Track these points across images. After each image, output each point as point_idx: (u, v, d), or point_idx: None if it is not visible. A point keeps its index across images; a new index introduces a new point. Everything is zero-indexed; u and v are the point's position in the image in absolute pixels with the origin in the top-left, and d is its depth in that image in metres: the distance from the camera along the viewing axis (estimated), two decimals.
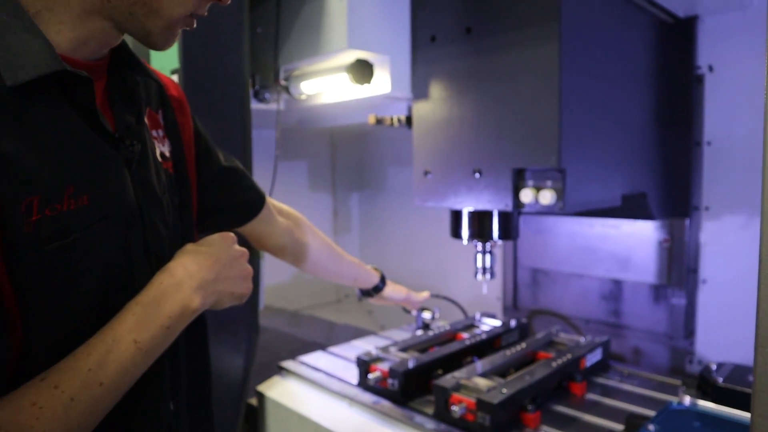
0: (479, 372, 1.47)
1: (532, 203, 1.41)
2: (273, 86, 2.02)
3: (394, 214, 3.15)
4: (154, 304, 0.79)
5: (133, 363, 0.75)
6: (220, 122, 1.63)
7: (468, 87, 1.55)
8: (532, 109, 1.41)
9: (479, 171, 1.51)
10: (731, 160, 1.81)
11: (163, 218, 0.90)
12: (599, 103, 1.52)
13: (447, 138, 1.59)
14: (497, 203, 1.48)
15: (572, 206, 1.40)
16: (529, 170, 1.43)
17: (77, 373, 0.71)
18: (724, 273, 1.87)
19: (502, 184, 1.46)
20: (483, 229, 1.65)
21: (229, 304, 0.91)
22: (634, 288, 2.07)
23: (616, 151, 1.60)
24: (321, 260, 1.50)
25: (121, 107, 0.85)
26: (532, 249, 2.35)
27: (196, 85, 1.52)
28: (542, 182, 1.41)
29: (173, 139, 0.99)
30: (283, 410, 1.67)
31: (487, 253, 1.75)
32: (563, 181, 1.37)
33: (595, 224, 2.14)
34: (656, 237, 1.99)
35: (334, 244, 1.56)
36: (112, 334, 0.75)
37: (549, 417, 1.42)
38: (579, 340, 1.78)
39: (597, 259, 2.15)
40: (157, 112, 0.96)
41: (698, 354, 1.94)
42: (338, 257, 1.57)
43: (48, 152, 0.70)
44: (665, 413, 1.33)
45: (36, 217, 0.67)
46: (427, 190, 1.64)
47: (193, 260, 0.85)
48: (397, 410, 1.47)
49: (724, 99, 1.81)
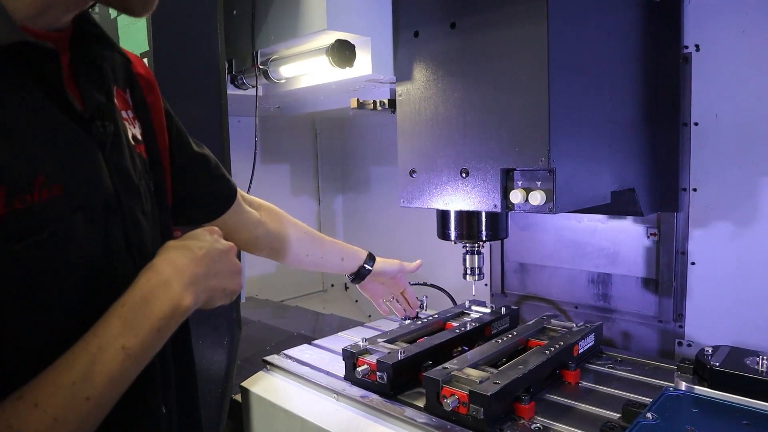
0: (471, 362, 1.42)
1: (521, 204, 1.36)
2: (251, 71, 1.95)
3: (378, 202, 3.10)
4: (141, 305, 0.71)
5: (123, 372, 0.68)
6: (195, 109, 1.56)
7: (453, 85, 1.49)
8: (520, 108, 1.36)
9: (466, 171, 1.46)
10: (719, 140, 1.78)
11: (142, 207, 0.82)
12: (588, 98, 1.47)
13: (432, 138, 1.53)
14: (486, 204, 1.43)
15: (563, 206, 1.36)
16: (518, 170, 1.39)
17: (60, 388, 0.63)
18: (714, 255, 1.84)
19: (491, 185, 1.41)
20: (471, 229, 1.61)
21: (220, 302, 0.83)
22: (622, 278, 2.06)
23: (606, 147, 1.56)
24: (300, 249, 1.42)
25: (89, 85, 0.76)
26: (519, 244, 2.33)
27: (167, 70, 1.45)
28: (532, 183, 1.36)
29: (143, 121, 0.90)
30: (268, 406, 1.62)
31: (476, 254, 1.70)
32: (553, 182, 1.32)
33: (583, 219, 2.11)
34: (644, 230, 1.97)
35: (312, 229, 1.48)
36: (96, 341, 0.67)
37: (543, 406, 1.38)
38: (571, 326, 1.74)
39: (585, 253, 2.13)
40: (125, 91, 0.88)
41: (688, 337, 1.92)
42: (319, 242, 1.49)
43: (13, 137, 0.61)
44: (662, 400, 1.30)
45: (4, 211, 0.59)
46: (413, 191, 1.58)
47: (181, 255, 0.77)
48: (386, 404, 1.42)
49: (711, 78, 1.77)
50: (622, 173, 1.66)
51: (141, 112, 0.90)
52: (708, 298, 1.87)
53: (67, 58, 0.75)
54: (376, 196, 3.12)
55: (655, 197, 1.87)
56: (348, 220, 3.35)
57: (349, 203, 3.33)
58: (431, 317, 1.88)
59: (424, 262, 2.87)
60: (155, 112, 0.93)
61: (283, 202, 3.05)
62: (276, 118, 2.91)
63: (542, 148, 1.32)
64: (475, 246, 1.69)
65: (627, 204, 1.78)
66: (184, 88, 1.51)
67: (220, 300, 0.83)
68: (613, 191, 1.59)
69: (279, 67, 1.87)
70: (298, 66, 1.80)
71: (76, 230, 0.68)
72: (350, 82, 1.80)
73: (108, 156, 0.75)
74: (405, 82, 1.61)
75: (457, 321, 1.88)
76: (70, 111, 0.70)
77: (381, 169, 3.07)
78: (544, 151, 1.32)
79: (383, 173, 3.06)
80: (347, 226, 3.36)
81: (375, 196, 3.13)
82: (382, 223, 3.08)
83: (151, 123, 0.91)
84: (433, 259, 2.74)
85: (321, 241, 1.50)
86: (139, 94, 0.90)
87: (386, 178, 3.02)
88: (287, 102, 2.45)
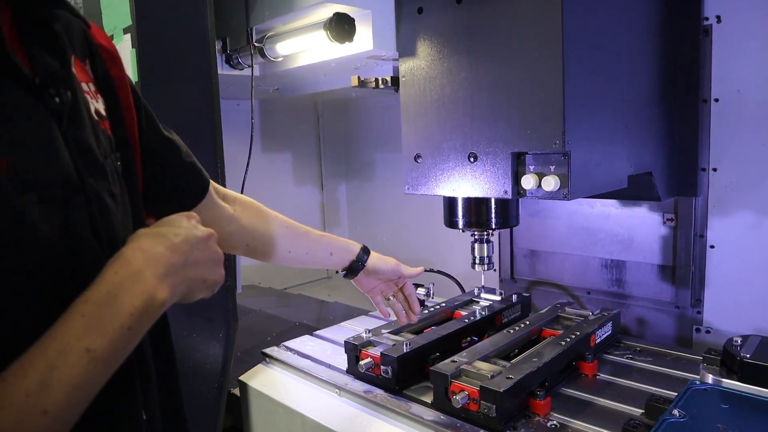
0: (481, 355, 1.34)
1: (534, 190, 1.27)
2: (245, 49, 1.85)
3: (383, 188, 3.01)
4: (108, 300, 0.61)
5: (87, 378, 0.58)
6: (184, 90, 1.47)
7: (460, 63, 1.39)
8: (531, 87, 1.26)
9: (474, 156, 1.36)
10: (740, 117, 1.69)
11: (110, 189, 0.72)
12: (604, 76, 1.38)
13: (438, 120, 1.44)
14: (496, 191, 1.34)
15: (578, 192, 1.27)
16: (530, 154, 1.29)
17: (11, 400, 0.54)
18: (734, 238, 1.76)
19: (501, 170, 1.32)
20: (480, 217, 1.51)
21: (200, 294, 0.74)
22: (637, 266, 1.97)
23: (622, 128, 1.47)
24: (282, 245, 1.26)
25: (38, 48, 0.66)
26: (529, 230, 2.24)
27: (153, 47, 1.36)
28: (545, 167, 1.27)
29: (107, 96, 0.79)
30: (267, 401, 1.54)
31: (485, 242, 1.60)
32: (568, 166, 1.23)
33: (596, 204, 2.02)
34: (660, 216, 1.88)
35: (295, 222, 1.31)
36: (55, 344, 0.57)
37: (560, 402, 1.29)
38: (587, 314, 1.65)
39: (598, 240, 2.04)
40: (84, 61, 0.77)
41: (706, 323, 1.84)
42: (303, 236, 1.32)
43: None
44: (688, 394, 1.20)
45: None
46: (418, 177, 1.49)
47: (155, 243, 0.68)
48: (391, 400, 1.34)
49: (732, 52, 1.68)
50: (639, 156, 1.56)
51: (104, 86, 0.79)
52: (728, 282, 1.79)
53: (8, 18, 0.64)
54: (381, 182, 3.04)
55: (672, 181, 1.78)
56: (352, 207, 3.26)
57: (353, 190, 3.24)
58: (439, 306, 1.80)
59: (431, 247, 2.82)
60: (120, 87, 0.82)
61: (284, 190, 3.04)
62: (276, 100, 2.82)
63: (556, 129, 1.22)
64: (484, 234, 1.60)
65: (644, 188, 1.69)
66: (171, 67, 1.42)
67: (201, 292, 0.73)
68: (629, 175, 1.50)
69: (275, 44, 1.78)
70: (296, 42, 1.71)
71: (28, 212, 0.58)
72: (351, 59, 1.71)
73: (65, 129, 0.65)
74: (408, 59, 1.51)
75: (466, 310, 1.80)
76: (16, 75, 0.60)
77: (386, 155, 2.98)
78: (558, 133, 1.22)
79: (389, 159, 2.96)
80: (351, 214, 3.27)
81: (380, 181, 3.04)
82: (388, 210, 3.00)
83: (116, 98, 0.80)
84: (441, 245, 2.67)
85: (306, 235, 1.33)
86: (101, 66, 0.79)
87: (392, 163, 2.92)
88: (286, 83, 2.36)
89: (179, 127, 1.49)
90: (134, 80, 1.43)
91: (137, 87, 1.44)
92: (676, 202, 1.83)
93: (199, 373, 1.55)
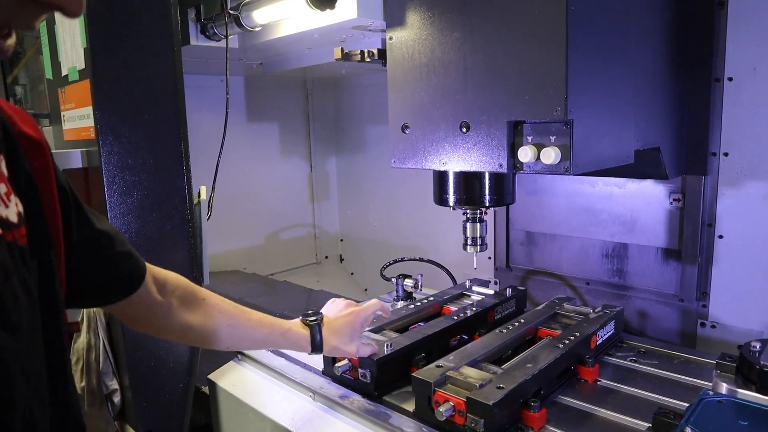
0: (470, 359, 1.20)
1: (532, 163, 1.13)
2: (221, 18, 1.70)
3: (374, 165, 2.91)
4: None
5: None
6: (141, 61, 1.33)
7: (452, 23, 1.24)
8: (531, 48, 1.12)
9: (467, 125, 1.22)
10: (756, 97, 1.58)
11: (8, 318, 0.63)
12: (611, 39, 1.24)
13: (428, 86, 1.30)
14: (489, 164, 1.20)
15: (581, 166, 1.13)
16: (529, 123, 1.15)
17: None
18: (744, 228, 1.65)
19: (495, 141, 1.18)
20: (472, 193, 1.38)
21: None
22: (640, 249, 1.86)
23: (630, 98, 1.33)
24: (222, 339, 1.11)
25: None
26: (526, 210, 2.13)
27: (104, 10, 1.21)
28: (545, 138, 1.13)
29: (27, 193, 0.69)
30: (236, 403, 1.42)
31: (478, 222, 1.47)
32: (570, 137, 1.10)
33: (597, 182, 1.91)
34: (666, 195, 1.76)
35: (238, 306, 1.16)
36: None
37: (556, 412, 1.16)
38: (587, 312, 1.51)
39: (599, 221, 1.94)
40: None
41: (712, 317, 1.75)
42: (245, 327, 1.15)
43: None
44: (701, 407, 1.07)
45: None
46: (405, 149, 1.35)
47: None
48: (369, 406, 1.21)
49: (749, 26, 1.56)
50: (646, 130, 1.43)
51: (23, 182, 0.70)
52: (736, 275, 1.69)
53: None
54: (371, 159, 2.92)
55: (680, 158, 1.66)
56: (342, 183, 3.14)
57: (343, 165, 3.12)
58: (427, 300, 1.66)
59: (423, 233, 2.69)
60: (44, 181, 0.72)
61: (272, 165, 2.90)
62: (263, 78, 2.67)
63: (557, 96, 1.09)
64: (477, 213, 1.46)
65: (650, 166, 1.57)
66: (126, 34, 1.27)
67: None
68: (636, 150, 1.37)
69: (252, 11, 1.64)
70: (273, 10, 1.58)
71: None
72: (334, 29, 1.58)
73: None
74: (396, 17, 1.36)
75: (456, 304, 1.66)
76: None
77: (377, 130, 2.86)
78: (559, 100, 1.08)
79: (379, 135, 2.83)
80: (342, 190, 3.15)
81: (371, 158, 2.93)
82: (379, 187, 2.88)
83: (38, 196, 0.72)
84: (432, 230, 2.55)
85: (248, 325, 1.17)
86: (20, 160, 0.70)
87: (382, 139, 2.81)
88: (269, 56, 2.21)
89: (135, 102, 1.36)
90: (83, 47, 1.28)
91: (87, 55, 1.31)
92: (684, 181, 1.72)
93: (162, 372, 1.43)
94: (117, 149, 1.34)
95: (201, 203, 1.49)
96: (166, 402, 1.47)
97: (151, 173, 1.39)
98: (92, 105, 1.32)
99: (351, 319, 1.27)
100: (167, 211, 1.42)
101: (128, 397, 1.45)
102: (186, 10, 1.75)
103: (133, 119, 1.35)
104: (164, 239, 1.42)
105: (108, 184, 1.34)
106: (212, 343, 1.11)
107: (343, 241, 3.20)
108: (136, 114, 1.34)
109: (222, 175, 1.73)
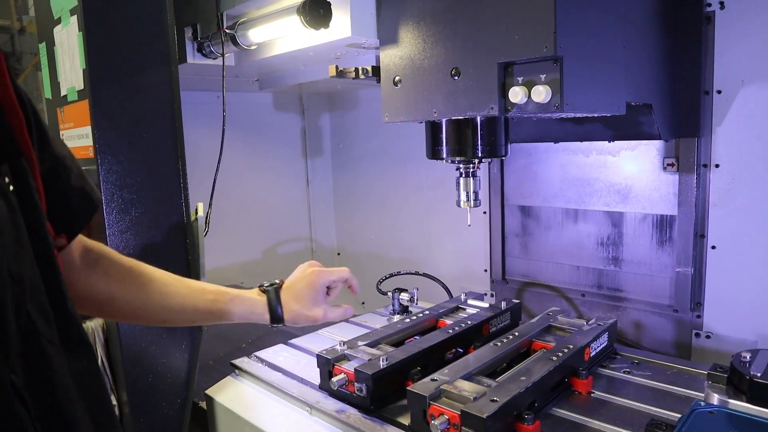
0: (464, 372, 1.21)
1: (522, 103, 1.15)
2: (217, 36, 1.72)
3: (371, 182, 2.90)
4: None
5: None
6: (139, 81, 1.35)
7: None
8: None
9: (458, 71, 1.25)
10: (745, 109, 1.60)
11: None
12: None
13: (418, 36, 1.33)
14: (481, 106, 1.22)
15: (572, 105, 1.14)
16: (519, 64, 1.17)
17: None
18: (736, 238, 1.67)
19: (487, 84, 1.20)
20: (464, 144, 1.39)
21: None
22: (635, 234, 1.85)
23: (619, 48, 1.33)
24: (151, 306, 1.01)
25: None
26: (521, 184, 2.14)
27: (103, 31, 1.24)
28: (535, 76, 1.15)
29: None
30: (233, 418, 1.42)
31: (471, 176, 1.48)
32: (560, 73, 1.12)
33: (592, 152, 1.92)
34: (660, 161, 1.76)
35: (178, 277, 1.05)
36: None
37: (550, 425, 1.17)
38: (581, 324, 1.52)
39: (594, 191, 1.95)
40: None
41: (706, 327, 1.76)
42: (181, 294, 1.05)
43: None
44: (692, 418, 1.09)
45: None
46: (396, 103, 1.38)
47: None
48: (365, 421, 1.22)
49: (736, 40, 1.59)
50: (638, 83, 1.43)
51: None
52: (729, 285, 1.70)
53: None
54: (368, 173, 2.91)
55: (674, 119, 1.65)
56: (339, 197, 3.14)
57: (339, 179, 3.12)
58: (422, 314, 1.67)
59: (420, 246, 2.70)
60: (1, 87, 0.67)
61: (269, 180, 2.91)
62: (258, 95, 2.69)
63: (546, 31, 1.10)
64: (469, 167, 1.48)
65: (644, 125, 1.58)
66: (125, 54, 1.30)
67: None
68: (628, 102, 1.36)
69: (248, 30, 1.66)
70: (269, 29, 1.60)
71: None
72: (329, 47, 1.60)
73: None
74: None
75: (451, 318, 1.67)
76: None
77: (373, 144, 2.86)
78: (548, 36, 1.10)
79: (375, 149, 2.84)
80: (338, 204, 3.15)
81: (367, 172, 2.92)
82: (375, 201, 2.88)
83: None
84: (429, 243, 2.56)
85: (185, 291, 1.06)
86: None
87: (378, 154, 2.81)
88: (265, 74, 2.23)
89: (133, 122, 1.38)
90: (82, 68, 1.30)
91: (86, 76, 1.33)
92: (678, 144, 1.71)
93: (159, 388, 1.44)
94: (115, 167, 1.36)
95: (198, 219, 1.51)
96: (163, 418, 1.47)
97: (149, 191, 1.41)
98: (91, 125, 1.34)
99: (312, 279, 1.14)
100: (165, 228, 1.44)
101: (126, 413, 1.46)
102: (183, 29, 1.78)
103: (130, 138, 1.37)
104: (162, 256, 1.44)
105: (106, 202, 1.36)
106: (142, 314, 1.00)
107: (339, 255, 3.21)
108: (134, 133, 1.36)
109: (219, 191, 1.75)
